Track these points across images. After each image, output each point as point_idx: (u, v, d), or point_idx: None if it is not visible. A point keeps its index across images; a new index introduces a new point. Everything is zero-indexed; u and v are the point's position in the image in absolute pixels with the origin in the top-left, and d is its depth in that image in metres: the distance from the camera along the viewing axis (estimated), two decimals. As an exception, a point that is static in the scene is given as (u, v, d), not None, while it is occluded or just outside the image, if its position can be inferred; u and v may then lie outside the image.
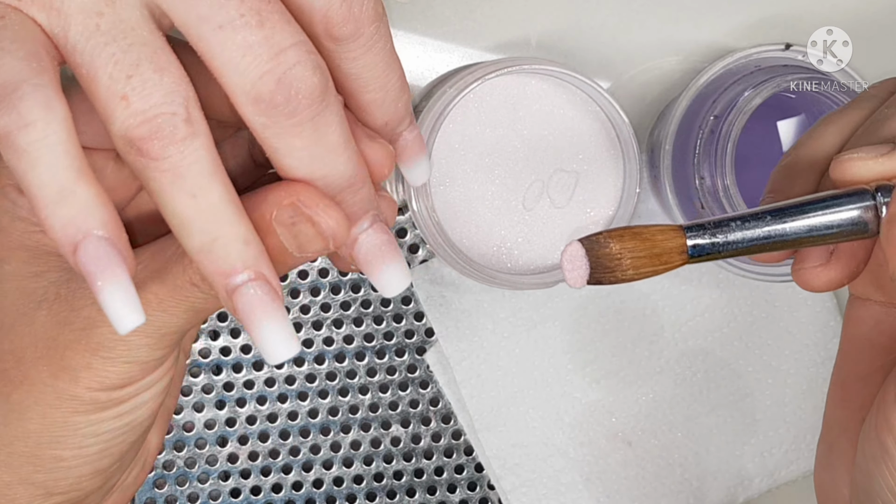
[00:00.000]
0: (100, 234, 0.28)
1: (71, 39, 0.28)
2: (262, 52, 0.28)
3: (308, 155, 0.30)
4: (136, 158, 0.28)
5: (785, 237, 0.31)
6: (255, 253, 0.29)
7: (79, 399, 0.33)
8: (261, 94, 0.29)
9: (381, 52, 0.33)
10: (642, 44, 0.49)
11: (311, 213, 0.30)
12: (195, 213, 0.29)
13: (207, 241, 0.29)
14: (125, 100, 0.28)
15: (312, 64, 0.29)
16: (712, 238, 0.31)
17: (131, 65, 0.28)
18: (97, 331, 0.32)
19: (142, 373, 0.33)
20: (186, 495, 0.50)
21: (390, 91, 0.34)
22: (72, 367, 0.33)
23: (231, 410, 0.50)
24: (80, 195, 0.28)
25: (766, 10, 0.49)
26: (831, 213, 0.31)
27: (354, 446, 0.51)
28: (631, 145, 0.45)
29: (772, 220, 0.31)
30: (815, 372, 0.51)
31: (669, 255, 0.31)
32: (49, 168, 0.27)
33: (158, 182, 0.28)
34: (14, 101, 0.27)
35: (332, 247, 0.31)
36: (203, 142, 0.28)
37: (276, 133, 0.29)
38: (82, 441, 0.34)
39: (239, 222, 0.29)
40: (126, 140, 0.28)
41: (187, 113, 0.28)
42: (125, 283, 0.28)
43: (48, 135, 0.27)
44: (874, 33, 0.49)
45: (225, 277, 0.29)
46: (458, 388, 0.50)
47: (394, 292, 0.33)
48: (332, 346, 0.50)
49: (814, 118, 0.48)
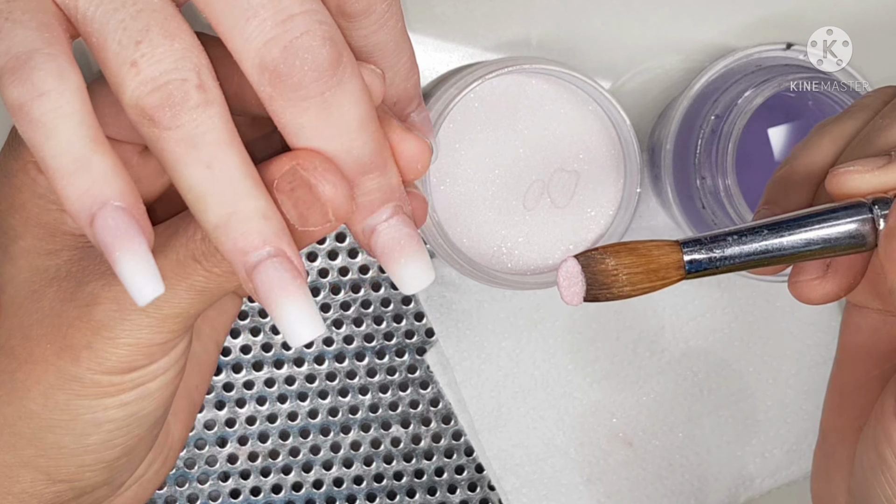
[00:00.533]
0: (117, 204, 0.27)
1: (81, 8, 0.28)
2: (268, 16, 0.27)
3: (315, 135, 0.29)
4: (150, 129, 0.27)
5: (782, 251, 0.31)
6: (276, 228, 0.28)
7: (79, 381, 0.32)
8: (265, 62, 0.27)
9: (393, 31, 0.32)
10: (643, 43, 0.49)
11: (309, 176, 0.29)
12: (211, 185, 0.28)
13: (224, 215, 0.28)
14: (135, 66, 0.27)
15: (323, 34, 0.28)
16: (709, 253, 0.30)
17: (141, 30, 0.27)
18: (99, 307, 0.32)
19: (146, 359, 0.33)
20: (186, 496, 0.50)
21: (400, 70, 0.33)
22: (73, 346, 0.32)
23: (230, 411, 0.50)
24: (96, 165, 0.27)
25: (766, 10, 0.49)
26: (828, 227, 0.31)
27: (354, 447, 0.51)
28: (632, 145, 0.45)
29: (769, 234, 0.31)
30: (816, 372, 0.51)
31: (666, 270, 0.30)
32: (64, 138, 0.27)
33: (172, 153, 0.28)
34: (27, 71, 0.27)
35: (332, 217, 0.29)
36: (217, 110, 0.28)
37: (282, 106, 0.28)
38: (84, 428, 0.33)
39: (258, 195, 0.28)
40: (138, 109, 0.27)
41: (199, 79, 0.27)
42: (143, 253, 0.28)
43: (62, 105, 0.27)
44: (874, 33, 0.49)
45: (243, 255, 0.28)
46: (459, 389, 0.50)
47: (414, 289, 0.31)
48: (331, 347, 0.50)
49: (814, 118, 0.48)
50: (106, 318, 0.32)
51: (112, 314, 0.32)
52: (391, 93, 0.34)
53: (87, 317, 0.32)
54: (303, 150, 0.29)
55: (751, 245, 0.30)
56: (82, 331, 0.32)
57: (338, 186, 0.29)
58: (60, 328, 0.32)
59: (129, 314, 0.32)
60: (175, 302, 0.32)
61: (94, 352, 0.32)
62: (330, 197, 0.29)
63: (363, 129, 0.29)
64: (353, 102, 0.29)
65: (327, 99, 0.28)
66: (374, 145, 0.30)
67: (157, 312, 0.32)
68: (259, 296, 0.28)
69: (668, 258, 0.30)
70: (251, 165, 0.28)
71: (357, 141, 0.29)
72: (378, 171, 0.30)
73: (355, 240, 0.32)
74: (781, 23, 0.49)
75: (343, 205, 0.29)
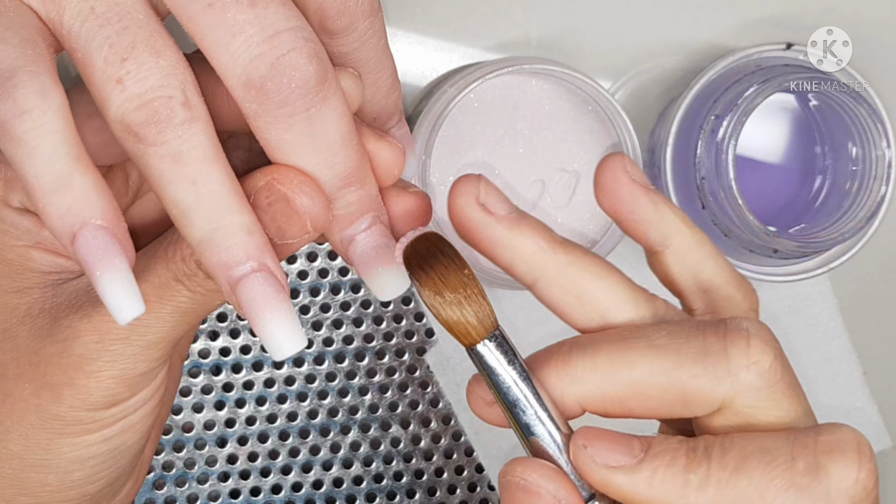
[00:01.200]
0: (98, 223, 0.27)
1: (66, 24, 0.28)
2: (254, 32, 0.27)
3: (299, 150, 0.29)
4: (135, 145, 0.27)
5: (519, 424, 0.30)
6: (259, 243, 0.28)
7: (62, 419, 0.32)
8: (251, 79, 0.27)
9: (375, 48, 0.32)
10: (643, 43, 0.49)
11: (286, 190, 0.29)
12: (195, 201, 0.28)
13: (209, 230, 0.28)
14: (120, 83, 0.27)
15: (309, 52, 0.28)
16: (495, 359, 0.30)
17: (126, 47, 0.27)
18: (78, 340, 0.31)
19: (129, 391, 0.32)
20: (186, 496, 0.50)
21: (381, 87, 0.33)
22: (54, 384, 0.32)
23: (230, 411, 0.50)
24: (77, 183, 0.27)
25: (766, 10, 0.49)
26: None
27: (354, 447, 0.51)
28: (632, 145, 0.45)
29: (531, 418, 0.30)
30: (814, 373, 0.51)
31: (464, 327, 0.30)
32: (45, 156, 0.27)
33: (157, 169, 0.28)
34: (9, 89, 0.27)
35: (311, 228, 0.29)
36: (202, 127, 0.28)
37: (267, 122, 0.28)
38: (67, 466, 0.33)
39: (241, 211, 0.28)
40: (123, 126, 0.27)
41: (185, 96, 0.27)
42: (124, 273, 0.28)
43: (44, 123, 0.27)
44: (874, 33, 0.49)
45: (227, 269, 0.28)
46: (459, 389, 0.50)
47: (389, 296, 0.32)
48: (331, 347, 0.50)
49: (814, 118, 0.48)
50: (87, 350, 0.31)
51: (93, 346, 0.31)
52: (371, 109, 0.34)
53: (67, 352, 0.31)
54: (277, 165, 0.29)
55: (514, 396, 0.30)
56: (63, 367, 0.31)
57: (314, 198, 0.29)
58: (39, 366, 0.32)
59: (111, 344, 0.31)
60: (158, 327, 0.31)
61: (76, 388, 0.31)
62: (307, 209, 0.29)
63: (345, 144, 0.29)
64: (337, 118, 0.29)
65: (312, 115, 0.28)
66: (356, 158, 0.30)
67: (141, 339, 0.31)
68: (243, 310, 0.28)
69: (471, 323, 0.30)
70: (235, 181, 0.28)
71: (339, 155, 0.29)
72: (358, 182, 0.30)
73: (333, 248, 0.32)
74: (781, 23, 0.49)
75: (320, 215, 0.29)
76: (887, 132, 0.45)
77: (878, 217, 0.46)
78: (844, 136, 0.47)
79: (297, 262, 0.49)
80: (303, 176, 0.29)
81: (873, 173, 0.46)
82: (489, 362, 0.30)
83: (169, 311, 0.31)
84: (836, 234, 0.46)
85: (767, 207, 0.48)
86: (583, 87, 0.45)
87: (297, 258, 0.49)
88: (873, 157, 0.45)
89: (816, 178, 0.48)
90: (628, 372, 0.30)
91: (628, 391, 0.30)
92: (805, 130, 0.48)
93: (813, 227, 0.47)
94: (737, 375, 0.29)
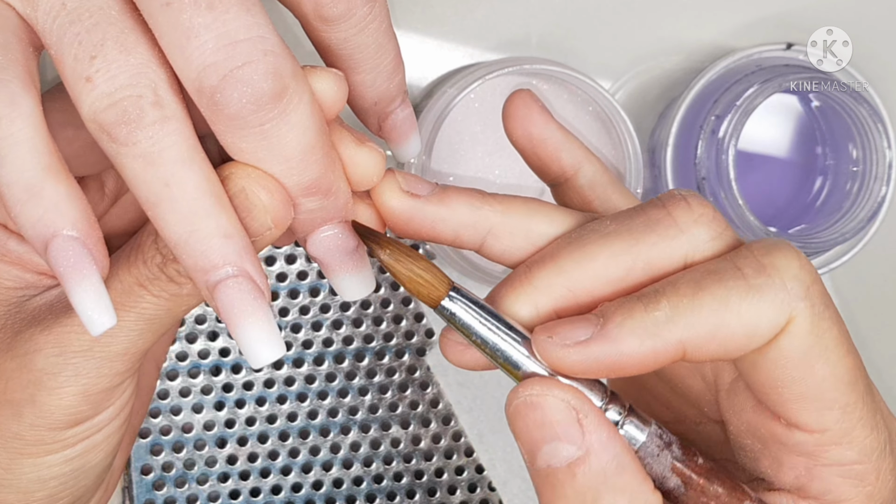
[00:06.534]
0: (69, 233, 0.27)
1: (40, 21, 0.27)
2: (209, 38, 0.26)
3: (256, 158, 0.28)
4: (109, 144, 0.27)
5: (505, 360, 0.30)
6: (238, 247, 0.28)
7: (22, 439, 0.31)
8: (202, 88, 0.26)
9: (375, 33, 0.31)
10: (643, 43, 0.49)
11: (244, 185, 0.28)
12: (169, 203, 0.27)
13: (184, 233, 0.27)
14: (90, 82, 0.26)
15: (266, 67, 0.26)
16: (464, 311, 0.30)
17: (96, 44, 0.26)
18: (39, 354, 0.30)
19: (92, 409, 0.31)
20: (185, 497, 0.50)
21: (381, 72, 0.32)
22: (13, 402, 0.31)
23: (230, 412, 0.50)
24: (48, 193, 0.27)
25: (766, 10, 0.49)
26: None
27: (354, 448, 0.51)
28: (632, 145, 0.45)
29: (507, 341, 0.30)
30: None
31: (428, 286, 0.30)
32: (16, 166, 0.26)
33: (131, 169, 0.27)
34: None
35: (271, 224, 0.29)
36: (176, 126, 0.27)
37: (221, 130, 0.27)
38: (29, 486, 0.32)
39: (218, 214, 0.27)
40: (96, 125, 0.27)
41: (155, 96, 0.27)
42: (95, 284, 0.27)
43: (13, 132, 0.26)
44: (874, 33, 0.49)
45: (204, 273, 0.27)
46: (459, 390, 0.50)
47: (353, 298, 0.31)
48: (331, 347, 0.50)
49: (814, 118, 0.48)
50: (48, 364, 0.30)
51: (54, 360, 0.30)
52: (372, 94, 0.33)
53: (27, 367, 0.31)
54: (235, 161, 0.28)
55: (490, 334, 0.30)
56: (23, 384, 0.31)
57: (274, 193, 0.28)
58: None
59: (72, 357, 0.30)
60: (122, 336, 0.30)
61: (37, 406, 0.31)
62: (266, 204, 0.28)
63: (305, 158, 0.28)
64: (297, 132, 0.28)
65: (267, 130, 0.27)
66: (317, 171, 0.29)
67: (103, 350, 0.30)
68: (220, 314, 0.28)
69: (433, 284, 0.30)
70: (213, 182, 0.28)
71: (296, 168, 0.28)
72: (321, 193, 0.29)
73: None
74: (781, 23, 0.49)
75: (280, 210, 0.29)
76: (888, 132, 0.45)
77: (878, 218, 0.46)
78: (845, 137, 0.47)
79: (296, 262, 0.49)
80: (259, 170, 0.28)
81: (874, 174, 0.46)
82: (459, 314, 0.30)
83: (133, 319, 0.30)
84: (836, 234, 0.46)
85: (768, 208, 0.48)
86: (583, 87, 0.45)
87: (297, 258, 0.49)
88: (874, 157, 0.45)
89: (817, 178, 0.48)
90: (591, 263, 0.30)
91: (598, 283, 0.30)
92: (806, 131, 0.48)
93: (813, 228, 0.47)
94: (689, 231, 0.30)
